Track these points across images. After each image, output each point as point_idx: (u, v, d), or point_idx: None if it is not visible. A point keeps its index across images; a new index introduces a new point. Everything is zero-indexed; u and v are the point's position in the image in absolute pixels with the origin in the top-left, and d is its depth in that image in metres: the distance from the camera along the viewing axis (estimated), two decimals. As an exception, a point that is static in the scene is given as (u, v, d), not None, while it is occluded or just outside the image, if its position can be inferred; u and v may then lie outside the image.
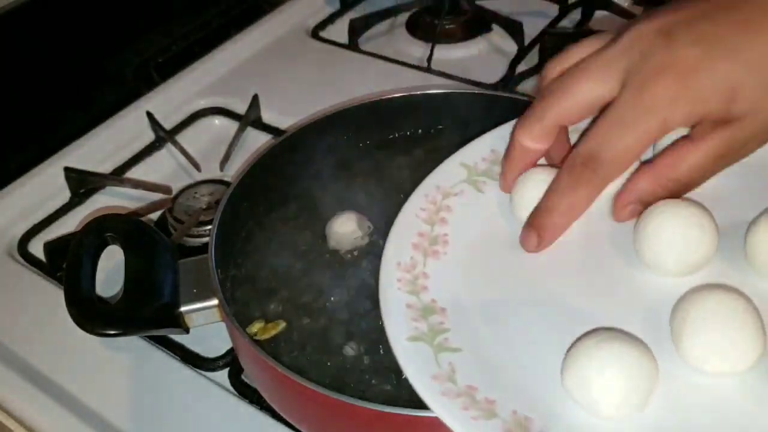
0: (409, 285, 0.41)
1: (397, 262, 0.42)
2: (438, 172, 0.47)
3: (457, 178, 0.47)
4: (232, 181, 0.56)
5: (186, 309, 0.51)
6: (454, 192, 0.46)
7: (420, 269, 0.42)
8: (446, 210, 0.45)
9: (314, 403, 0.44)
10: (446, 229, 0.44)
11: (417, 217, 0.45)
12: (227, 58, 0.87)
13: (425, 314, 0.40)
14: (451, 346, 0.38)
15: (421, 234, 0.44)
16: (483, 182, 0.47)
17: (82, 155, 0.75)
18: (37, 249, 0.67)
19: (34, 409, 0.54)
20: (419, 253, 0.43)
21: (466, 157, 0.48)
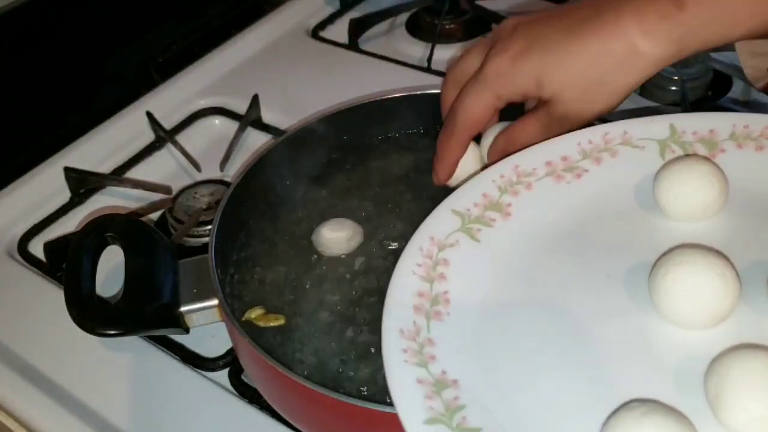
0: (416, 356, 0.38)
1: (399, 330, 0.39)
2: (430, 221, 0.44)
3: (450, 228, 0.44)
4: (232, 181, 0.57)
5: (186, 309, 0.51)
6: (450, 243, 0.43)
7: (425, 335, 0.39)
8: (443, 264, 0.42)
9: (314, 403, 0.44)
10: (446, 286, 0.41)
11: (414, 274, 0.41)
12: (227, 58, 0.87)
13: (438, 389, 0.36)
14: (471, 426, 0.35)
15: (420, 294, 0.41)
16: (478, 230, 0.44)
17: (82, 155, 0.75)
18: (37, 249, 0.67)
19: (34, 409, 0.54)
20: (422, 316, 0.40)
21: (456, 203, 0.45)
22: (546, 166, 0.47)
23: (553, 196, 0.46)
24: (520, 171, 0.47)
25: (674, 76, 0.74)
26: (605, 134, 0.48)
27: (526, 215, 0.45)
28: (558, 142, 0.48)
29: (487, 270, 0.43)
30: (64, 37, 0.82)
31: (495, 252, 0.43)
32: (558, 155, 0.47)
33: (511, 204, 0.45)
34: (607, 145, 0.48)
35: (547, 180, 0.47)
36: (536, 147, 0.48)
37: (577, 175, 0.47)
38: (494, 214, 0.45)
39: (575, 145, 0.48)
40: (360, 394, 0.46)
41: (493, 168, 0.47)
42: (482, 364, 0.38)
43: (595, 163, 0.47)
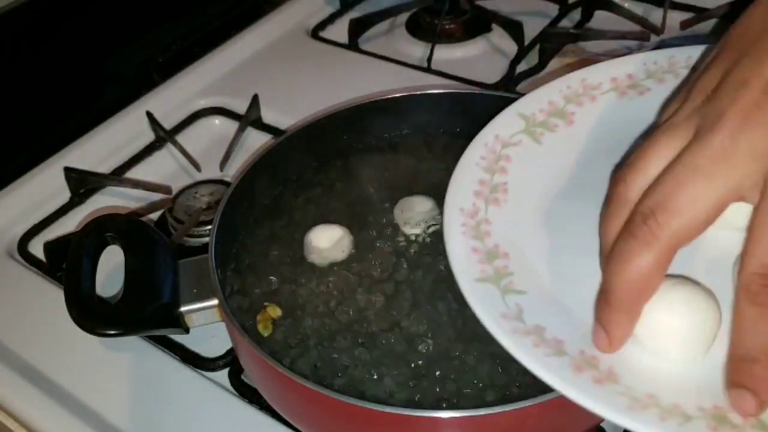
0: (473, 230, 0.42)
1: (460, 208, 0.43)
2: (496, 122, 0.48)
3: (515, 129, 0.48)
4: (232, 181, 0.56)
5: (186, 309, 0.51)
6: (513, 142, 0.47)
7: (482, 216, 0.43)
8: (505, 159, 0.46)
9: (314, 403, 0.44)
10: (506, 178, 0.45)
11: (477, 165, 0.46)
12: (227, 58, 0.87)
13: (490, 258, 0.41)
14: (517, 289, 0.39)
15: (481, 182, 0.45)
16: (541, 133, 0.48)
17: (82, 155, 0.75)
18: (37, 249, 0.67)
19: (34, 409, 0.54)
20: (481, 200, 0.44)
21: (523, 107, 0.49)
22: (611, 82, 0.50)
23: (615, 110, 0.49)
24: (586, 84, 0.50)
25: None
26: (671, 57, 0.50)
27: (588, 124, 0.48)
28: (625, 61, 0.51)
29: (545, 169, 0.46)
30: (65, 37, 0.82)
31: (554, 154, 0.47)
32: (624, 72, 0.50)
33: (574, 113, 0.49)
34: (671, 68, 0.49)
35: (611, 94, 0.49)
36: (603, 64, 0.51)
37: (639, 93, 0.49)
38: (557, 121, 0.48)
39: (641, 65, 0.50)
40: (360, 394, 0.46)
41: (561, 79, 0.50)
42: (531, 245, 0.42)
43: (658, 82, 0.49)
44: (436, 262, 0.52)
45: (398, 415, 0.41)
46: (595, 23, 0.88)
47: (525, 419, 0.41)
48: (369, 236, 0.55)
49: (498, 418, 0.41)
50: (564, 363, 0.36)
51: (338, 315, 0.50)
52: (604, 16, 0.87)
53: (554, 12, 0.89)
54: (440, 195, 0.57)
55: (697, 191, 0.32)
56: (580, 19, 0.88)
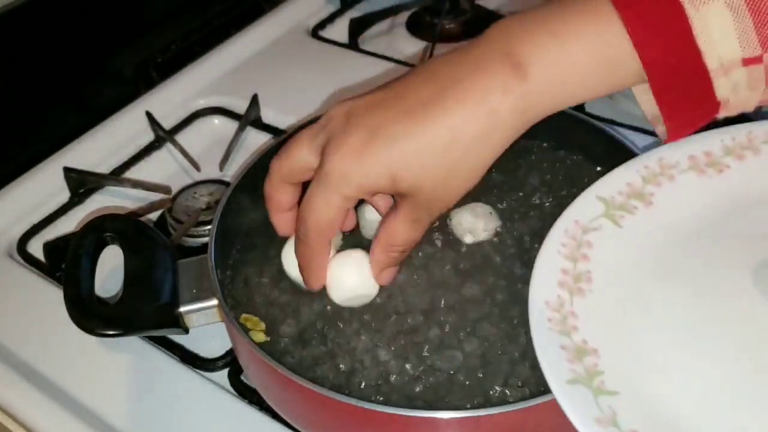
0: (560, 325, 0.41)
1: (545, 301, 0.42)
2: (575, 206, 0.47)
3: (594, 213, 0.46)
4: (232, 181, 0.56)
5: (185, 309, 0.51)
6: (593, 227, 0.46)
7: (568, 308, 0.42)
8: (587, 246, 0.45)
9: (314, 403, 0.44)
10: (589, 266, 0.44)
11: (558, 253, 0.44)
12: (227, 58, 0.87)
13: (579, 356, 0.39)
14: (609, 390, 0.38)
15: (564, 271, 0.43)
16: (621, 216, 0.46)
17: (81, 155, 0.75)
18: (36, 249, 0.67)
19: (34, 409, 0.54)
20: (565, 291, 0.42)
21: (601, 190, 0.47)
22: (689, 160, 0.48)
23: (695, 189, 0.47)
24: (663, 163, 0.48)
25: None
26: (749, 132, 0.49)
27: (668, 205, 0.47)
28: (702, 138, 0.49)
29: (627, 254, 0.45)
30: (64, 36, 0.82)
31: (636, 238, 0.45)
32: (701, 150, 0.49)
33: (653, 194, 0.47)
34: (750, 143, 0.49)
35: (689, 173, 0.48)
36: (680, 142, 0.49)
37: (719, 170, 0.48)
38: (637, 203, 0.47)
39: (718, 142, 0.49)
40: (360, 394, 0.46)
41: (638, 159, 0.49)
42: (620, 338, 0.40)
43: (738, 159, 0.48)
44: (431, 259, 0.52)
45: (398, 415, 0.41)
46: (596, 23, 0.87)
47: (525, 419, 0.41)
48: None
49: (498, 418, 0.40)
50: None
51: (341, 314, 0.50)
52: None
53: (554, 12, 0.89)
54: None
55: (319, 202, 0.44)
56: (581, 19, 0.88)
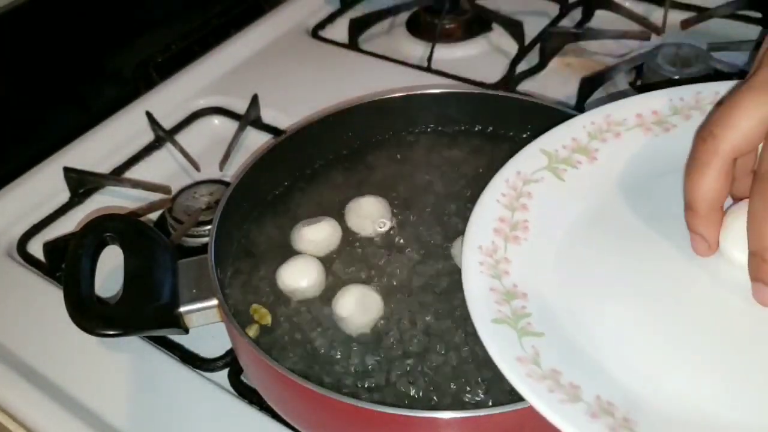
0: (491, 269, 0.42)
1: (478, 246, 0.43)
2: (518, 158, 0.47)
3: (537, 165, 0.47)
4: (232, 181, 0.56)
5: (185, 309, 0.51)
6: (535, 179, 0.46)
7: (501, 254, 0.43)
8: (527, 196, 0.45)
9: (314, 403, 0.44)
10: (527, 216, 0.45)
11: (498, 202, 0.45)
12: (227, 58, 0.87)
13: (508, 298, 0.40)
14: (534, 331, 0.39)
15: (501, 219, 0.44)
16: (563, 170, 0.47)
17: (81, 155, 0.75)
18: (36, 249, 0.67)
19: (34, 409, 0.54)
20: (500, 238, 0.43)
21: (546, 144, 0.48)
22: (636, 118, 0.49)
23: (640, 147, 0.48)
24: (611, 120, 0.49)
25: (675, 75, 0.73)
26: (697, 93, 0.49)
27: (612, 161, 0.47)
28: (650, 97, 0.50)
29: (567, 207, 0.45)
30: (64, 36, 0.82)
31: (577, 191, 0.46)
32: (649, 108, 0.49)
33: (598, 149, 0.48)
34: (698, 104, 0.49)
35: (635, 131, 0.48)
36: (628, 99, 0.50)
37: (665, 129, 0.48)
38: (581, 157, 0.47)
39: (667, 101, 0.49)
40: (360, 394, 0.46)
41: (585, 114, 0.49)
42: (551, 285, 0.42)
43: (685, 119, 0.48)
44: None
45: (398, 416, 0.41)
46: (596, 23, 0.87)
47: (525, 419, 0.41)
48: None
49: (498, 418, 0.40)
50: (579, 410, 0.35)
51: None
52: (604, 16, 0.87)
53: (555, 12, 0.89)
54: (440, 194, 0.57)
55: (749, 107, 0.38)
56: (581, 19, 0.88)
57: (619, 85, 0.77)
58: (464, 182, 0.59)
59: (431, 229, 0.55)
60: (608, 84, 0.77)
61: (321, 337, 0.49)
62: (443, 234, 0.54)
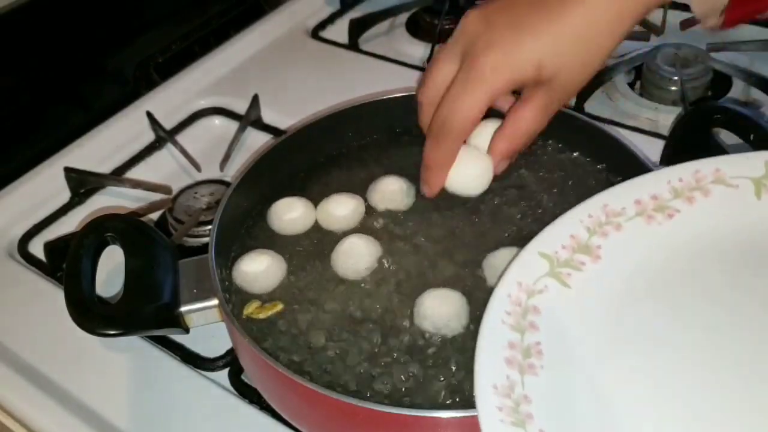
0: (513, 415, 0.36)
1: (493, 386, 0.37)
2: (517, 265, 0.43)
3: (538, 272, 0.43)
4: (232, 181, 0.56)
5: (186, 309, 0.51)
6: (538, 289, 0.42)
7: (520, 392, 0.37)
8: (533, 312, 0.41)
9: (314, 403, 0.44)
10: (537, 336, 0.40)
11: (504, 323, 0.40)
12: (227, 58, 0.87)
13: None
14: None
15: (512, 345, 0.39)
16: (567, 274, 0.43)
17: (82, 155, 0.75)
18: (37, 249, 0.67)
19: (34, 409, 0.54)
20: (515, 370, 0.38)
21: (544, 245, 0.44)
22: (635, 205, 0.46)
23: (645, 238, 0.45)
24: (608, 210, 0.45)
25: (674, 76, 0.74)
26: (696, 172, 0.46)
27: (617, 258, 0.44)
28: (647, 180, 0.47)
29: (578, 317, 0.41)
30: (64, 36, 0.82)
31: (586, 298, 0.42)
32: (647, 194, 0.46)
33: (600, 246, 0.44)
34: (698, 184, 0.46)
35: (637, 220, 0.45)
36: (623, 185, 0.47)
37: (668, 216, 0.45)
38: (583, 257, 0.44)
39: (665, 184, 0.46)
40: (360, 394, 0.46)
41: (580, 207, 0.46)
42: (579, 422, 0.37)
43: (687, 202, 0.46)
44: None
45: (398, 415, 0.41)
46: (595, 23, 0.87)
47: (525, 419, 0.41)
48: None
49: (498, 418, 0.40)
50: None
51: (341, 313, 0.50)
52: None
53: (554, 12, 0.89)
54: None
55: (468, 100, 0.49)
56: (580, 19, 0.88)
57: (618, 85, 0.77)
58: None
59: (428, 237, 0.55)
60: (608, 84, 0.77)
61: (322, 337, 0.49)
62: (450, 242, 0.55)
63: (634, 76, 0.79)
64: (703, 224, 0.45)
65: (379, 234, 0.55)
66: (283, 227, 0.56)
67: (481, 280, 0.51)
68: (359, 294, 0.51)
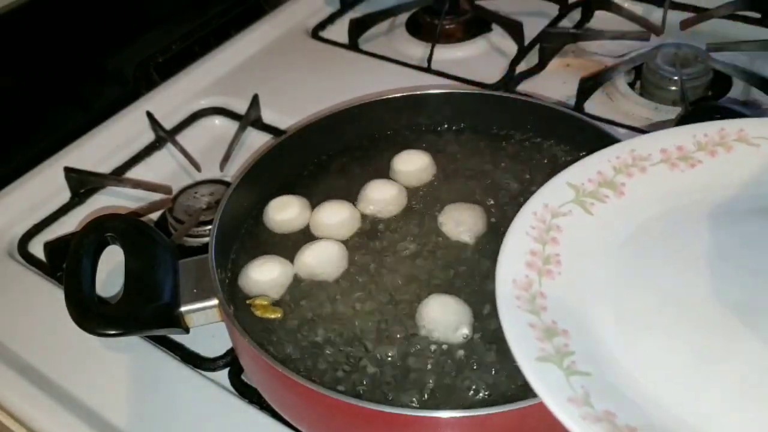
0: (528, 304, 0.40)
1: (512, 279, 0.42)
2: (545, 190, 0.47)
3: (564, 198, 0.47)
4: (232, 181, 0.57)
5: (186, 309, 0.51)
6: (563, 212, 0.46)
7: (536, 288, 0.42)
8: (556, 230, 0.45)
9: (314, 403, 0.44)
10: (558, 249, 0.44)
11: (527, 235, 0.44)
12: (227, 58, 0.87)
13: (549, 335, 0.39)
14: (580, 370, 0.37)
15: (533, 252, 0.43)
16: (591, 203, 0.47)
17: (82, 155, 0.75)
18: (37, 249, 0.67)
19: (34, 409, 0.54)
20: (534, 272, 0.42)
21: (572, 176, 0.48)
22: (661, 153, 0.49)
23: (667, 183, 0.48)
24: (635, 155, 0.49)
25: (674, 76, 0.74)
26: (721, 129, 0.50)
27: (639, 196, 0.47)
28: (673, 132, 0.50)
29: (596, 241, 0.45)
30: (65, 36, 0.82)
31: (607, 226, 0.46)
32: (673, 144, 0.49)
33: (624, 184, 0.48)
34: (722, 140, 0.49)
35: (661, 166, 0.49)
36: (651, 134, 0.50)
37: (690, 165, 0.49)
38: (608, 191, 0.47)
39: (691, 137, 0.50)
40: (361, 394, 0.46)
41: (610, 148, 0.49)
42: (590, 322, 0.40)
43: (710, 155, 0.49)
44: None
45: (398, 415, 0.41)
46: (595, 23, 0.88)
47: (525, 419, 0.41)
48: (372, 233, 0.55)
49: (498, 418, 0.41)
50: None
51: (341, 313, 0.50)
52: (604, 16, 0.87)
53: (554, 12, 0.89)
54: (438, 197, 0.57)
55: None
56: (580, 19, 0.88)
57: (618, 85, 0.77)
58: (464, 181, 0.59)
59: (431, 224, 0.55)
60: (608, 84, 0.77)
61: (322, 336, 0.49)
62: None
63: (634, 76, 0.79)
64: (723, 177, 0.48)
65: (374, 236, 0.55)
66: (277, 226, 0.56)
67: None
68: (359, 294, 0.51)
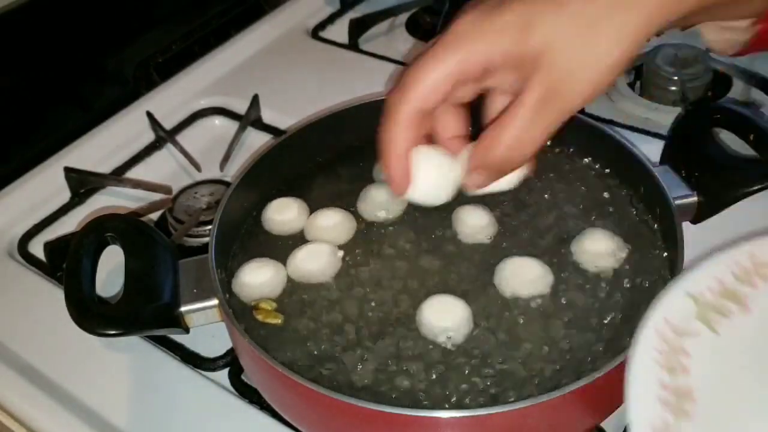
0: None
1: (651, 427, 0.37)
2: (663, 303, 0.42)
3: (685, 311, 0.42)
4: (232, 181, 0.57)
5: (186, 309, 0.51)
6: (688, 332, 0.41)
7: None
8: (684, 354, 0.40)
9: (314, 403, 0.44)
10: (689, 381, 0.39)
11: (654, 362, 0.40)
12: (227, 58, 0.87)
13: None
14: None
15: (663, 386, 0.39)
16: (716, 320, 0.42)
17: (82, 155, 0.75)
18: (37, 249, 0.67)
19: (34, 409, 0.54)
20: (669, 413, 0.38)
21: (690, 285, 0.43)
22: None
23: None
24: (756, 261, 0.44)
25: (674, 76, 0.74)
26: None
27: (765, 310, 0.43)
28: None
29: (728, 366, 0.41)
30: (65, 36, 0.82)
31: (734, 348, 0.41)
32: None
33: (747, 296, 0.43)
34: None
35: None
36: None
37: None
38: (731, 305, 0.43)
39: None
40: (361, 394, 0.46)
41: (726, 253, 0.44)
42: None
43: None
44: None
45: (398, 415, 0.41)
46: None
47: (525, 419, 0.42)
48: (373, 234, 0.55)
49: (498, 418, 0.41)
50: None
51: (341, 313, 0.50)
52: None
53: (554, 12, 0.89)
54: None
55: (429, 63, 0.41)
56: (580, 19, 0.88)
57: (618, 85, 0.77)
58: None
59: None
60: (608, 84, 0.77)
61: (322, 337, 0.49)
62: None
63: (634, 76, 0.79)
64: None
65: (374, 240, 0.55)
66: (276, 227, 0.56)
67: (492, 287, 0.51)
68: (359, 296, 0.51)
